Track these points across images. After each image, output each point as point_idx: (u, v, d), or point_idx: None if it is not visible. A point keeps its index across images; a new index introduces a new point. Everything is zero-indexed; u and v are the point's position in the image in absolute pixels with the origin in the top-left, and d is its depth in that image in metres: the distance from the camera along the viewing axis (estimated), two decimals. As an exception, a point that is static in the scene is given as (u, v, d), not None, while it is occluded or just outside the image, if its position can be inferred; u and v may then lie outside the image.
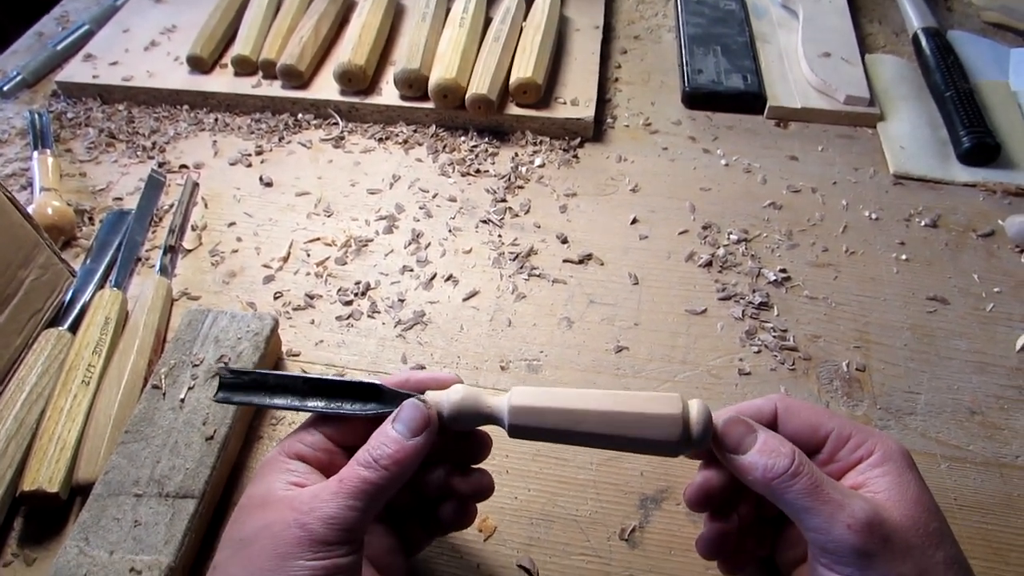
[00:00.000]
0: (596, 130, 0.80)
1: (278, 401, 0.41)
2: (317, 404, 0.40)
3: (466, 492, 0.43)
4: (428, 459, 0.40)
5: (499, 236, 0.69)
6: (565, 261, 0.67)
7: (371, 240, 0.69)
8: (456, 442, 0.43)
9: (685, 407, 0.39)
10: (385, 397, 0.40)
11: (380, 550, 0.42)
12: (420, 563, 0.48)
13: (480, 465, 0.44)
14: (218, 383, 0.41)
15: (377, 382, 0.40)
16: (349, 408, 0.40)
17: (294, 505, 0.35)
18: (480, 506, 0.50)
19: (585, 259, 0.67)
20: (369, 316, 0.63)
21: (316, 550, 0.34)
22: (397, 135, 0.79)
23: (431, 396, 0.40)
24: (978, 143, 0.73)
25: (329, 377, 0.41)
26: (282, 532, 0.34)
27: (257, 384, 0.41)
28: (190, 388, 0.52)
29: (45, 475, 0.48)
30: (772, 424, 0.41)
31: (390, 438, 0.37)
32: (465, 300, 0.64)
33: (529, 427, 0.39)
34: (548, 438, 0.40)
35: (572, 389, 0.40)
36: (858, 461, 0.38)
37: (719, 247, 0.68)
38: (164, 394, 0.52)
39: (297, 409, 0.41)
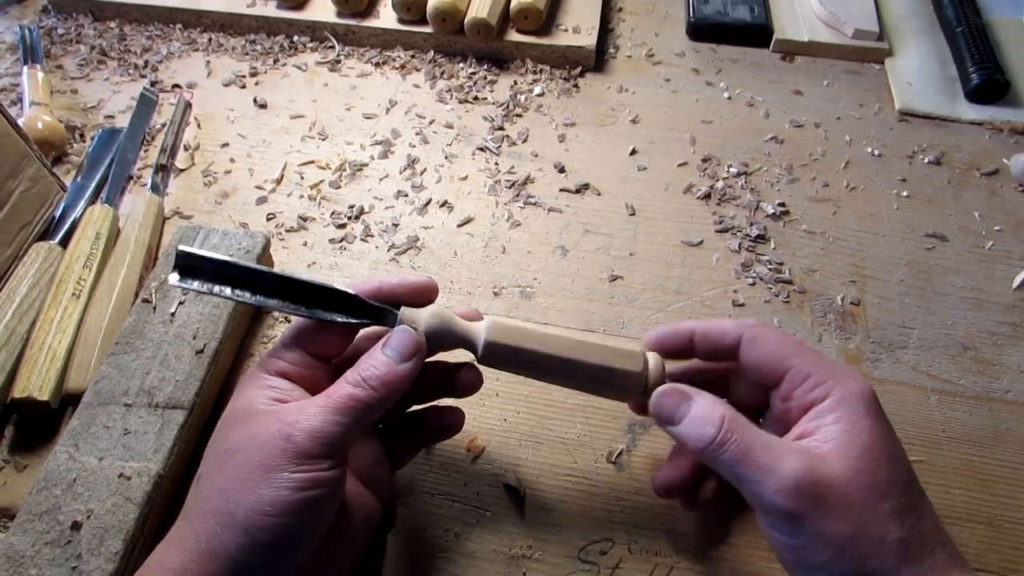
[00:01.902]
0: (597, 60, 0.79)
1: (245, 295, 0.39)
2: (291, 306, 0.39)
3: (459, 387, 0.43)
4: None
5: (496, 164, 0.68)
6: (562, 190, 0.66)
7: (366, 165, 0.68)
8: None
9: (646, 361, 0.40)
10: (358, 307, 0.39)
11: (366, 462, 0.42)
12: (408, 481, 0.48)
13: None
14: (174, 263, 0.38)
15: (350, 291, 0.39)
16: (324, 315, 0.39)
17: (280, 417, 0.35)
18: (469, 426, 0.50)
19: (582, 189, 0.66)
20: (362, 240, 0.62)
21: (300, 462, 0.34)
22: (394, 60, 0.78)
23: (406, 313, 0.39)
24: (988, 79, 0.72)
25: (299, 277, 0.39)
26: (267, 443, 0.34)
27: (220, 273, 0.39)
28: (180, 303, 0.52)
29: (35, 383, 0.48)
30: (734, 351, 0.40)
31: (381, 361, 0.37)
32: (460, 226, 0.63)
33: (502, 347, 0.40)
34: (517, 363, 0.41)
35: (544, 330, 0.40)
36: (812, 403, 0.37)
37: (718, 180, 0.67)
38: (155, 308, 0.52)
39: (265, 307, 0.39)
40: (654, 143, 0.71)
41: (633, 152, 0.70)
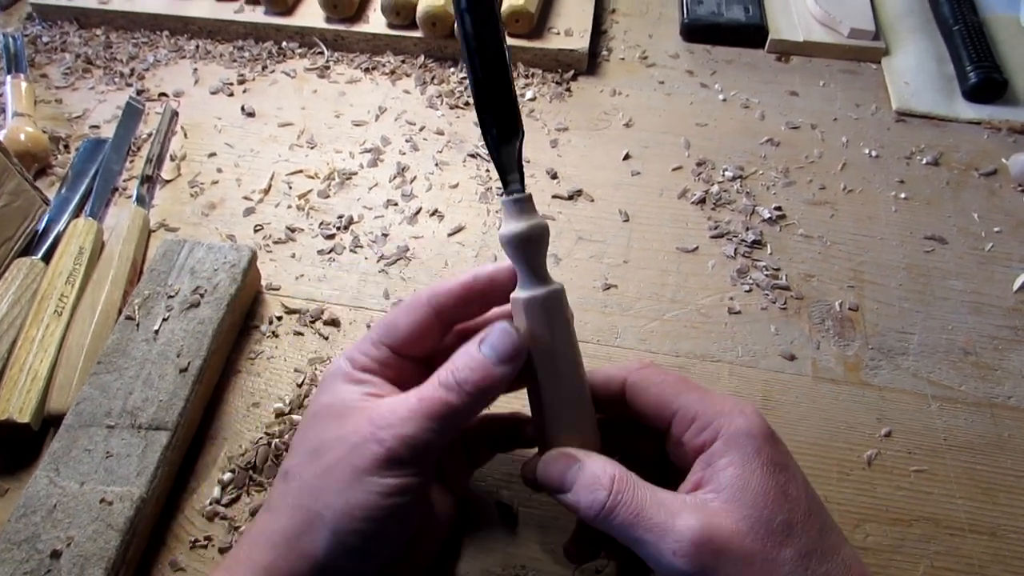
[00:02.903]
0: (590, 63, 0.78)
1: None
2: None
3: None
4: None
5: (487, 171, 0.67)
6: (554, 197, 0.65)
7: (355, 173, 0.67)
8: None
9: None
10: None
11: (444, 459, 0.41)
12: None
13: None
14: None
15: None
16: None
17: (371, 418, 0.34)
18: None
19: (575, 195, 0.65)
20: (351, 251, 0.61)
21: (391, 468, 0.33)
22: (384, 65, 0.77)
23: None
24: (985, 78, 0.71)
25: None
26: (359, 445, 0.34)
27: None
28: (164, 319, 0.51)
29: (16, 405, 0.47)
30: (622, 398, 0.38)
31: (477, 361, 0.35)
32: (450, 235, 0.62)
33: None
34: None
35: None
36: (703, 446, 0.35)
37: (713, 184, 0.66)
38: (138, 325, 0.51)
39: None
40: (648, 147, 0.70)
41: (627, 157, 0.69)
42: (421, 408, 0.34)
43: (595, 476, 0.34)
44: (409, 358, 0.39)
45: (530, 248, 0.37)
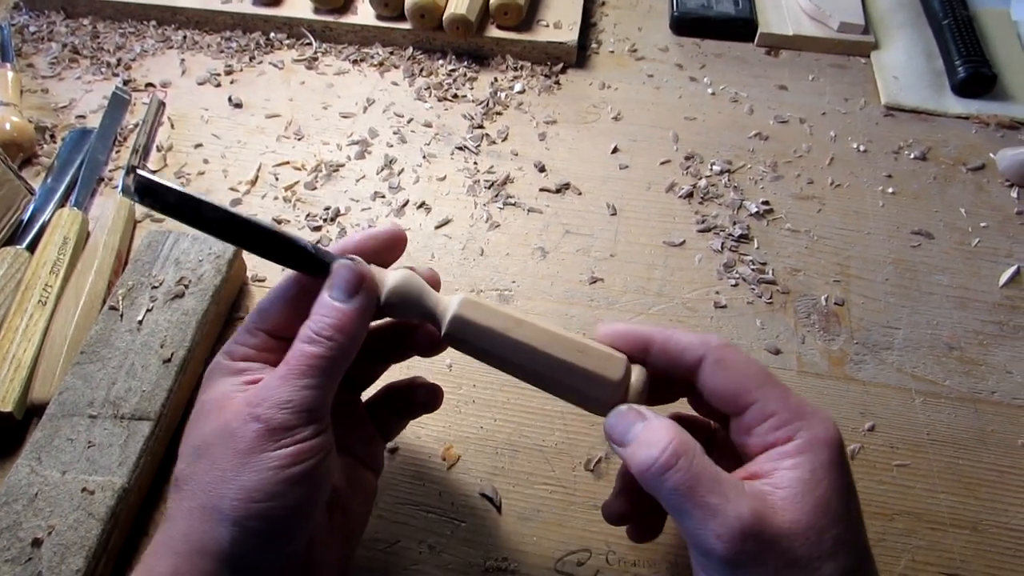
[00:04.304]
0: (579, 56, 0.77)
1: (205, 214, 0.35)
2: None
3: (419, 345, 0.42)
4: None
5: (475, 163, 0.67)
6: (542, 190, 0.65)
7: (342, 165, 0.67)
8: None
9: (628, 373, 0.37)
10: (316, 262, 0.36)
11: (356, 438, 0.41)
12: (382, 490, 0.47)
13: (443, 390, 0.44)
14: (127, 174, 0.34)
15: (307, 246, 0.35)
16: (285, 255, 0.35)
17: (248, 400, 0.33)
18: (444, 435, 0.50)
19: (563, 188, 0.65)
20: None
21: (277, 438, 0.32)
22: (372, 57, 0.76)
23: (373, 272, 0.36)
24: (974, 72, 0.71)
25: (257, 223, 0.35)
26: (239, 429, 0.32)
27: (180, 203, 0.34)
28: (148, 310, 0.51)
29: (-2, 395, 0.47)
30: (694, 371, 0.37)
31: (327, 307, 0.34)
32: (437, 228, 0.62)
33: (471, 325, 0.36)
34: (486, 345, 0.37)
35: (523, 317, 0.37)
36: (773, 444, 0.34)
37: (701, 178, 0.66)
38: (122, 315, 0.50)
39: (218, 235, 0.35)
40: (636, 141, 0.70)
41: (615, 150, 0.69)
42: (289, 371, 0.33)
43: (656, 436, 0.33)
44: (289, 340, 0.37)
45: (411, 296, 0.37)
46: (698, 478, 0.32)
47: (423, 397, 0.44)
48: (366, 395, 0.44)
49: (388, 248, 0.39)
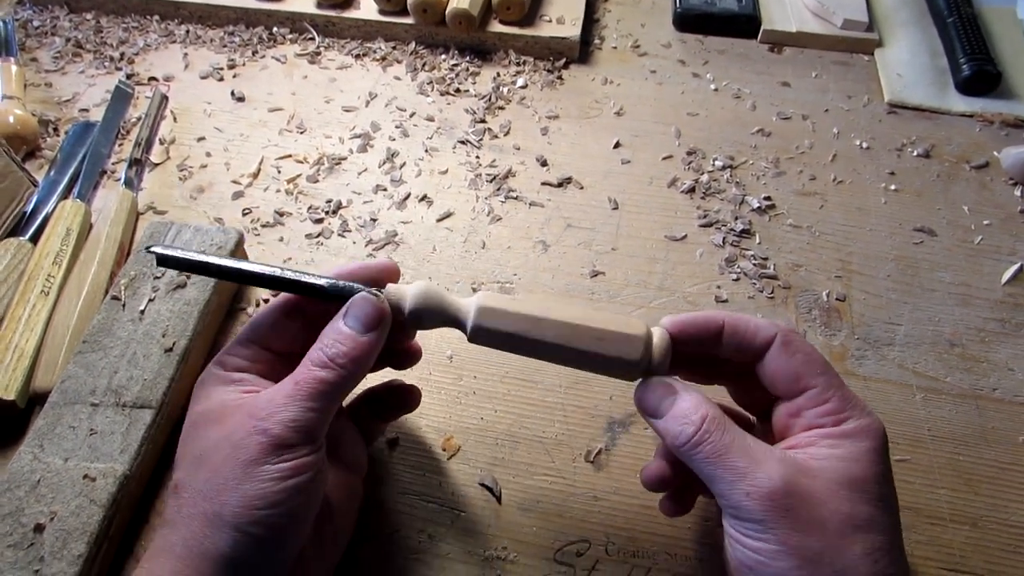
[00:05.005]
0: (582, 51, 0.77)
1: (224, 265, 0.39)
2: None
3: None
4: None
5: (477, 157, 0.67)
6: (544, 184, 0.65)
7: (344, 158, 0.67)
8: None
9: (648, 332, 0.38)
10: (332, 294, 0.38)
11: (342, 444, 0.42)
12: (382, 480, 0.47)
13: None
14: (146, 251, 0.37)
15: (324, 284, 0.38)
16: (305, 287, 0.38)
17: (251, 412, 0.35)
18: (445, 425, 0.50)
19: (564, 182, 0.65)
20: (340, 235, 0.61)
21: (280, 453, 0.34)
22: (375, 51, 0.77)
23: (391, 290, 0.38)
24: (979, 70, 0.71)
25: (270, 274, 0.38)
26: (243, 440, 0.34)
27: (195, 266, 0.39)
28: (150, 300, 0.51)
29: (1, 383, 0.47)
30: (762, 353, 0.38)
31: (343, 335, 0.36)
32: (439, 221, 0.62)
33: (492, 330, 0.38)
34: (509, 345, 0.38)
35: (541, 313, 0.38)
36: (819, 427, 0.36)
37: (703, 173, 0.66)
38: (124, 305, 0.50)
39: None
40: (638, 136, 0.70)
41: (617, 145, 0.69)
42: (298, 391, 0.35)
43: (687, 410, 0.35)
44: (281, 354, 0.40)
45: (432, 303, 0.38)
46: (728, 447, 0.34)
47: (401, 400, 0.46)
48: (347, 401, 0.45)
49: (382, 279, 0.40)
